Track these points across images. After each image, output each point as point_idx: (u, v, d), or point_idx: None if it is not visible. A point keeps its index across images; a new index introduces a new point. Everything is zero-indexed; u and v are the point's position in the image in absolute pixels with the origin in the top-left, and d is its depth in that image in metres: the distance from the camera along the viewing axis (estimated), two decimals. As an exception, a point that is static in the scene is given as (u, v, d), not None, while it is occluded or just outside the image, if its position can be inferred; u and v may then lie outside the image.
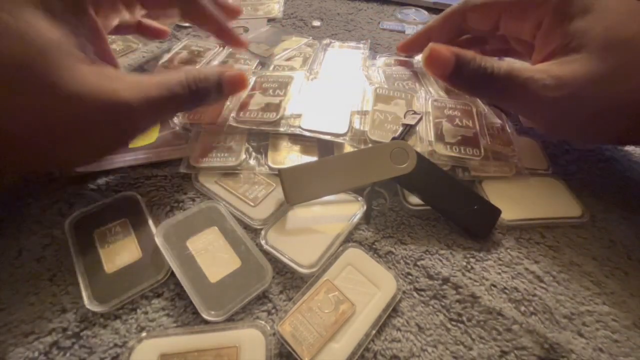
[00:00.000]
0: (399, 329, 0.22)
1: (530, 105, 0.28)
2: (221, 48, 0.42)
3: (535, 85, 0.26)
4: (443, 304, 0.24)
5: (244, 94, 0.34)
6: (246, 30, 0.47)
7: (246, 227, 0.27)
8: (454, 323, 0.23)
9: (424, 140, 0.31)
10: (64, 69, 0.22)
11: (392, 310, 0.23)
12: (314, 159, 0.31)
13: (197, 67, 0.39)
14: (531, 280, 0.25)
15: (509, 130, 0.33)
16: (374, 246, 0.26)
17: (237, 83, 0.30)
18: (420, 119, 0.31)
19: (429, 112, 0.33)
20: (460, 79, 0.29)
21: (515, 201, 0.29)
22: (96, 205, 0.27)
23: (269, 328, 0.22)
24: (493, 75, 0.27)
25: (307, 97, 0.34)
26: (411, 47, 0.40)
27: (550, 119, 0.28)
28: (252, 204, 0.28)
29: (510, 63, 0.27)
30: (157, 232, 0.25)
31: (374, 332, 0.22)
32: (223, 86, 0.29)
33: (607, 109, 0.26)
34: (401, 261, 0.26)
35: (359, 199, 0.28)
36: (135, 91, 0.24)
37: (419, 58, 0.45)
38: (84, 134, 0.23)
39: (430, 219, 0.28)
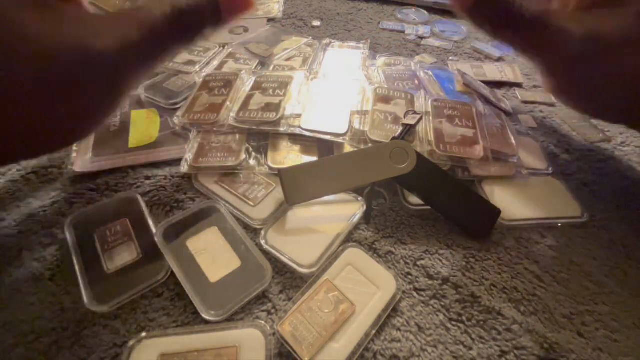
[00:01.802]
0: (398, 329, 0.22)
1: (552, 56, 0.25)
2: (221, 48, 0.43)
3: (568, 36, 0.23)
4: (443, 303, 0.24)
5: (244, 94, 0.34)
6: (246, 30, 0.47)
7: (246, 227, 0.27)
8: (453, 323, 0.23)
9: (424, 140, 0.31)
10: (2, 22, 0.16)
11: (392, 310, 0.23)
12: (314, 159, 0.31)
13: (195, 67, 0.39)
14: (531, 280, 0.25)
15: (509, 130, 0.33)
16: (374, 246, 0.26)
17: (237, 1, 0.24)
18: (420, 119, 0.31)
19: (429, 112, 0.33)
20: (482, 9, 0.25)
21: (515, 201, 0.29)
22: (96, 205, 0.27)
23: (269, 328, 0.22)
24: (521, 11, 0.24)
25: (307, 97, 0.34)
26: None
27: (571, 78, 0.25)
28: (252, 204, 0.28)
29: (540, 3, 0.24)
30: (157, 232, 0.25)
31: (373, 332, 0.22)
32: (219, 4, 0.24)
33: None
34: (401, 261, 0.26)
35: (359, 199, 0.28)
36: (110, 36, 0.19)
37: (419, 58, 0.45)
38: (60, 99, 0.18)
39: (430, 219, 0.28)
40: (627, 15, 0.23)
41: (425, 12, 0.55)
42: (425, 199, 0.27)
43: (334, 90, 0.35)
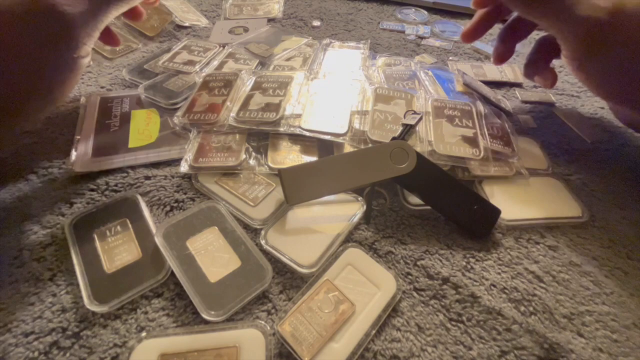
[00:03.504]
0: (398, 329, 0.22)
1: (579, 27, 0.26)
2: (221, 48, 0.43)
3: (595, 7, 0.25)
4: (443, 303, 0.24)
5: (244, 94, 0.34)
6: (246, 30, 0.47)
7: (246, 227, 0.27)
8: (453, 323, 0.23)
9: (424, 140, 0.31)
10: None
11: (392, 310, 0.23)
12: (314, 159, 0.31)
13: (195, 67, 0.39)
14: (531, 280, 0.25)
15: (509, 130, 0.33)
16: (374, 246, 0.26)
17: None
18: (420, 119, 0.31)
19: (429, 112, 0.33)
20: None
21: (515, 201, 0.29)
22: (96, 205, 0.27)
23: (269, 328, 0.22)
24: None
25: (307, 97, 0.34)
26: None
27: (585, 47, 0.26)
28: (252, 204, 0.28)
29: None
30: (157, 232, 0.25)
31: (373, 332, 0.22)
32: None
33: None
34: (401, 261, 0.26)
35: (359, 199, 0.28)
36: None
37: (419, 58, 0.45)
38: (13, 55, 0.22)
39: (430, 219, 0.28)
40: None
41: (425, 12, 0.55)
42: (425, 199, 0.27)
43: (334, 90, 0.35)
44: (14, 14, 0.23)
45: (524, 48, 0.48)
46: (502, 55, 0.36)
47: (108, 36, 0.34)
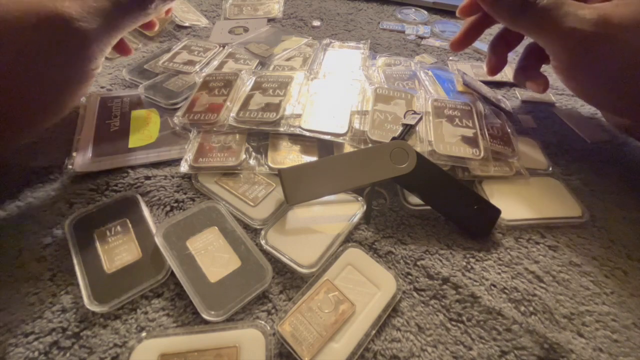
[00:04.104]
0: (398, 329, 0.22)
1: (566, 39, 0.27)
2: (221, 48, 0.43)
3: (581, 19, 0.25)
4: (443, 304, 0.24)
5: (244, 94, 0.34)
6: (246, 30, 0.47)
7: (246, 227, 0.27)
8: (453, 323, 0.23)
9: (424, 140, 0.31)
10: None
11: (392, 310, 0.23)
12: (314, 159, 0.31)
13: (195, 67, 0.39)
14: (531, 280, 0.25)
15: (509, 130, 0.33)
16: (374, 246, 0.26)
17: None
18: (420, 119, 0.31)
19: (429, 112, 0.33)
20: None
21: (515, 201, 0.29)
22: (96, 205, 0.27)
23: (269, 328, 0.22)
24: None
25: (307, 97, 0.34)
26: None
27: (577, 59, 0.27)
28: (252, 204, 0.28)
29: None
30: (157, 232, 0.25)
31: (373, 332, 0.22)
32: None
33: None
34: (401, 261, 0.26)
35: (359, 199, 0.28)
36: (75, 2, 0.23)
37: (419, 58, 0.45)
38: (26, 68, 0.22)
39: (430, 219, 0.28)
40: (634, 3, 0.25)
41: (425, 12, 0.55)
42: (425, 199, 0.27)
43: (334, 90, 0.35)
44: (28, 28, 0.23)
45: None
46: (495, 66, 0.36)
47: (121, 46, 0.34)
